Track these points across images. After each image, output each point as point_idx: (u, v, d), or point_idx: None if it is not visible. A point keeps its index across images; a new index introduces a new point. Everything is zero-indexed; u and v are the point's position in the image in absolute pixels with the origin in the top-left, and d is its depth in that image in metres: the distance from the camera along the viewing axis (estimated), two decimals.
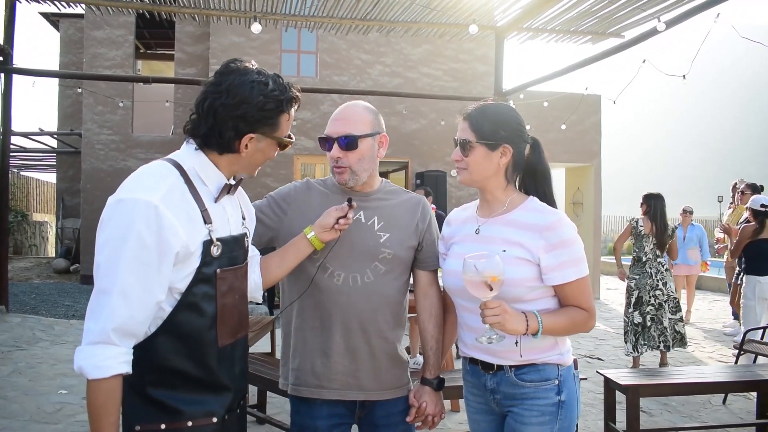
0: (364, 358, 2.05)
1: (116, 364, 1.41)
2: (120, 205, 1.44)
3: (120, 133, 13.15)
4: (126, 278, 1.42)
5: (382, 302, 2.07)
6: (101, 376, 1.40)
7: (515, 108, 2.03)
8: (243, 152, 1.62)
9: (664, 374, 4.55)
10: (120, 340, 1.42)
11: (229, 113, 1.57)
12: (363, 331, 2.04)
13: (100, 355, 1.40)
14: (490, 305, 1.71)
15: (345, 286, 2.03)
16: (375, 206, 2.11)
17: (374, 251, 2.06)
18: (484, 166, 1.91)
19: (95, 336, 1.41)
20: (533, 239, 1.83)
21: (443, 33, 9.76)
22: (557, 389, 1.87)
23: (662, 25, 6.72)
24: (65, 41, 15.81)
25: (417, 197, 2.22)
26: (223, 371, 1.61)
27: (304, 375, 2.06)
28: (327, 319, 2.04)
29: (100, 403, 1.41)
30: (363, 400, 2.08)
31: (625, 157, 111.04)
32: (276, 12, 8.83)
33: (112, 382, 1.42)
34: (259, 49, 11.95)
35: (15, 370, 5.80)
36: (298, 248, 1.97)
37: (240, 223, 1.76)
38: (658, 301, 6.19)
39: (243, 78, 1.59)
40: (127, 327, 1.43)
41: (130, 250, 1.41)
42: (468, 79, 12.92)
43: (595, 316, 1.90)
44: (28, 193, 21.40)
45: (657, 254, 6.26)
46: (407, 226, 2.12)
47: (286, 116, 1.66)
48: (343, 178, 2.05)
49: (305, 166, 12.40)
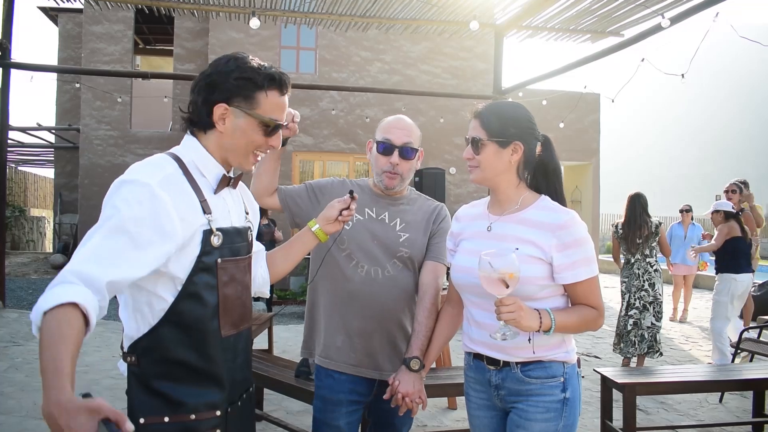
0: (380, 341, 2.26)
1: (74, 294, 1.27)
2: (120, 184, 1.47)
3: (118, 129, 13.13)
4: (111, 236, 1.40)
5: (399, 294, 2.28)
6: (56, 302, 1.25)
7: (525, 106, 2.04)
8: (219, 126, 1.61)
9: (661, 373, 4.56)
10: (87, 286, 1.31)
11: (203, 83, 1.61)
12: (383, 319, 2.25)
13: (58, 291, 1.28)
14: (505, 302, 1.72)
15: (368, 277, 2.25)
16: (400, 210, 2.34)
17: (394, 249, 2.29)
18: (495, 163, 1.91)
19: (58, 278, 1.32)
20: (546, 238, 1.84)
21: (443, 30, 9.75)
22: (562, 386, 1.89)
23: (666, 21, 6.62)
24: (64, 36, 15.78)
25: (435, 204, 2.44)
26: (226, 362, 1.62)
27: (329, 350, 2.28)
28: (351, 305, 2.26)
29: (54, 327, 1.22)
30: (379, 380, 2.26)
31: (623, 156, 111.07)
32: (275, 8, 8.82)
33: (67, 310, 1.25)
34: (259, 45, 11.94)
35: (12, 365, 5.80)
36: (303, 241, 2.00)
37: (243, 217, 1.77)
38: (642, 303, 6.02)
39: (225, 57, 1.65)
40: (97, 275, 1.33)
41: (122, 216, 1.41)
42: (467, 76, 12.91)
43: (604, 314, 1.92)
44: (26, 188, 21.38)
45: (645, 254, 6.08)
46: (424, 230, 2.35)
47: (264, 95, 1.62)
48: (393, 183, 2.28)
49: (304, 163, 12.39)
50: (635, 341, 5.99)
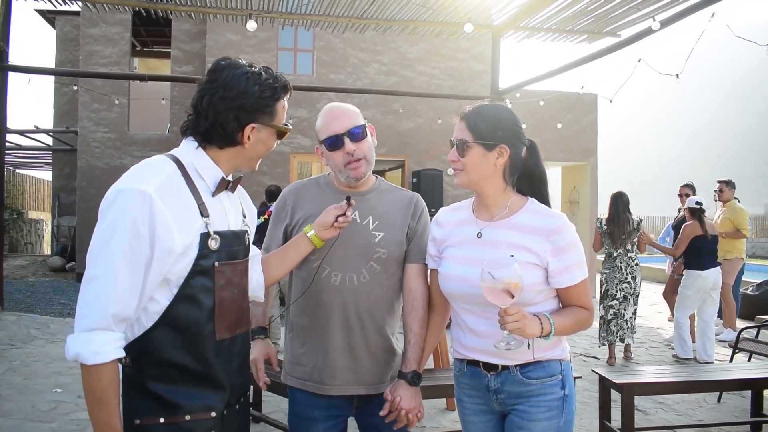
0: (362, 354, 2.10)
1: (114, 350, 1.44)
2: (118, 194, 1.48)
3: (116, 131, 13.11)
4: (118, 265, 1.44)
5: (378, 300, 2.11)
6: (102, 361, 1.42)
7: (512, 109, 2.02)
8: (246, 144, 1.66)
9: (659, 373, 4.57)
10: (116, 326, 1.45)
11: (229, 105, 1.60)
12: (361, 329, 2.09)
13: (98, 341, 1.42)
14: (510, 312, 1.70)
15: (342, 286, 2.08)
16: (370, 206, 2.13)
17: (369, 251, 2.10)
18: (481, 166, 1.89)
19: (91, 322, 1.43)
20: (540, 243, 1.84)
21: (440, 32, 9.76)
22: (561, 384, 1.91)
23: (657, 24, 6.83)
24: (61, 38, 15.76)
25: (410, 194, 2.25)
26: (221, 366, 1.62)
27: (309, 371, 2.12)
28: (326, 318, 2.08)
29: (103, 388, 1.43)
30: (362, 394, 2.12)
31: (621, 156, 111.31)
32: (272, 10, 8.82)
33: (113, 366, 1.45)
34: (256, 47, 11.93)
35: (10, 368, 5.79)
36: (298, 247, 2.00)
37: (240, 220, 1.77)
38: (623, 294, 6.50)
39: (237, 71, 1.63)
40: (122, 313, 1.45)
41: (124, 237, 1.44)
42: (464, 77, 12.91)
43: (594, 314, 1.96)
44: (24, 190, 21.36)
45: (627, 249, 6.53)
46: (401, 225, 2.15)
47: (282, 104, 1.70)
48: (360, 171, 2.08)
49: (302, 165, 12.39)
50: (614, 330, 6.54)
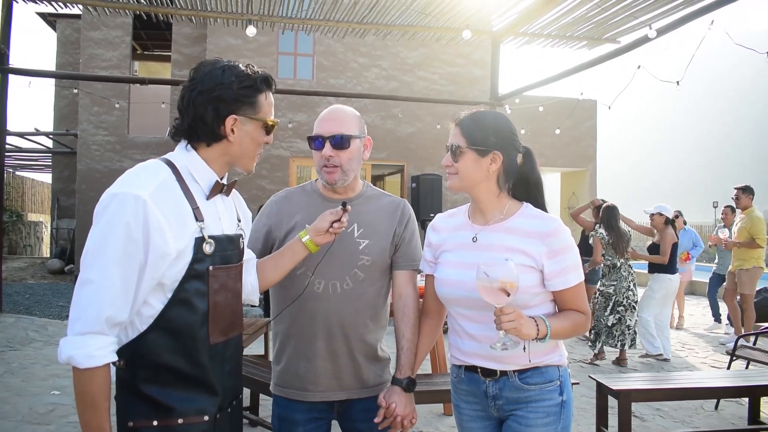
0: (345, 360, 2.11)
1: (107, 354, 1.45)
2: (112, 198, 1.48)
3: (116, 134, 13.14)
4: (113, 269, 1.44)
5: (361, 308, 2.11)
6: (94, 365, 1.43)
7: (508, 116, 2.05)
8: (231, 137, 1.66)
9: (657, 379, 4.56)
10: (110, 330, 1.46)
11: (207, 98, 1.62)
12: (344, 336, 2.10)
13: (92, 344, 1.43)
14: (506, 311, 1.71)
15: (325, 293, 2.08)
16: (355, 212, 2.11)
17: (353, 258, 2.10)
18: (473, 172, 1.91)
19: (84, 326, 1.43)
20: (535, 246, 1.85)
21: (439, 37, 9.79)
22: (559, 389, 1.91)
23: (653, 32, 6.90)
24: (62, 42, 15.80)
25: (397, 200, 2.24)
26: (215, 369, 1.63)
27: (290, 378, 2.13)
28: (309, 325, 2.09)
29: (95, 392, 1.44)
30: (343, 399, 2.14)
31: (620, 162, 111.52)
32: (273, 14, 8.84)
33: (105, 370, 1.45)
34: (256, 51, 11.96)
35: (8, 370, 5.78)
36: (293, 251, 1.99)
37: (235, 224, 1.78)
38: (629, 302, 6.65)
39: (214, 66, 1.66)
40: (115, 317, 1.46)
41: (118, 241, 1.45)
42: (464, 83, 12.95)
43: (591, 318, 1.97)
44: (24, 193, 21.36)
45: (627, 258, 6.81)
46: (386, 232, 2.15)
47: (264, 96, 1.70)
48: (333, 178, 2.07)
49: (301, 169, 12.41)
50: (616, 335, 6.64)
